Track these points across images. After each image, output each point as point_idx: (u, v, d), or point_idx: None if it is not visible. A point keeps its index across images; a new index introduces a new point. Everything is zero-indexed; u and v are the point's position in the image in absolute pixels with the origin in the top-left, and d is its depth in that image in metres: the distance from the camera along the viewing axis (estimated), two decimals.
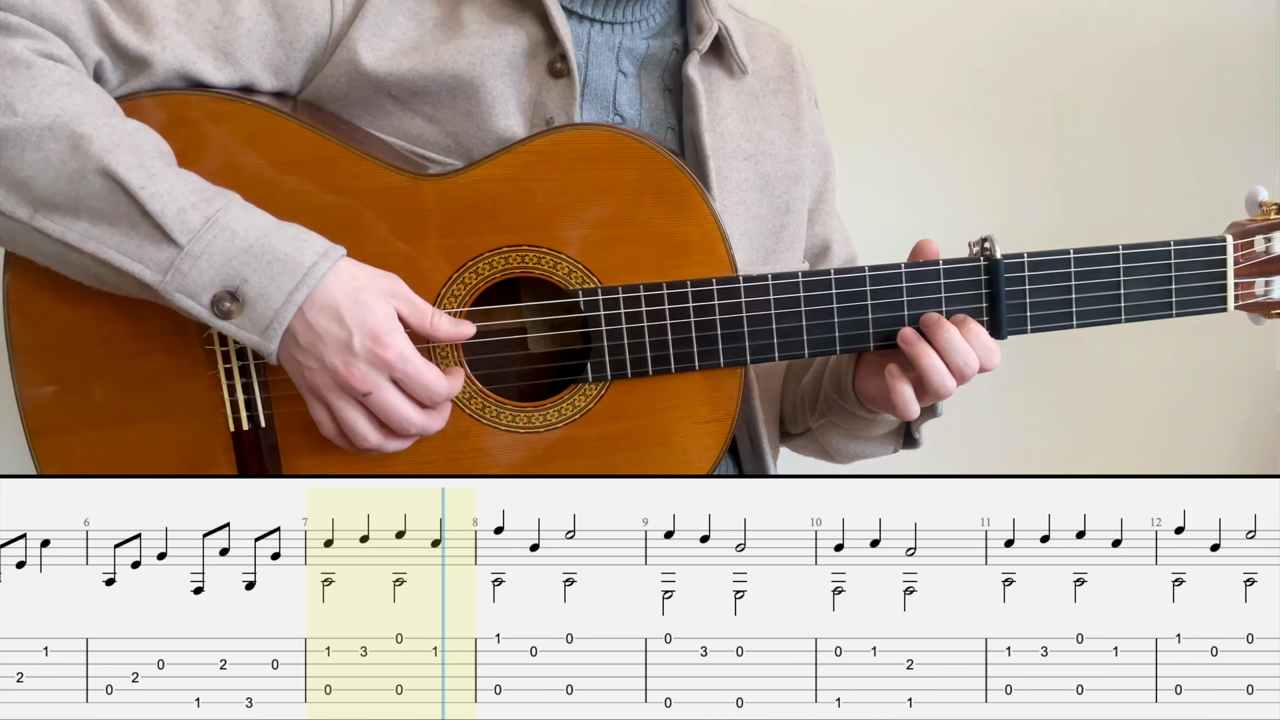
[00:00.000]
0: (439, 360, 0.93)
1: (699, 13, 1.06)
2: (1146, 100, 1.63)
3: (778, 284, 0.94)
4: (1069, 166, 1.64)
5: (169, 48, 0.90)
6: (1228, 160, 1.62)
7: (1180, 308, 0.98)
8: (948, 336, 0.92)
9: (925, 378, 0.93)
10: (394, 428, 0.89)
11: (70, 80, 0.85)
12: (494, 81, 0.96)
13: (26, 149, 0.82)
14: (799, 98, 1.13)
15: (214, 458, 0.93)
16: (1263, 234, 0.98)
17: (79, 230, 0.84)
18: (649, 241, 0.93)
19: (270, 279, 0.84)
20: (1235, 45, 1.61)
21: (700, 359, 0.94)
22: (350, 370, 0.85)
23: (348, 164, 0.91)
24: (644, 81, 1.05)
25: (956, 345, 0.92)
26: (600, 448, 0.96)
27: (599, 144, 0.92)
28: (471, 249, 0.92)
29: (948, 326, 0.93)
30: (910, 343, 0.93)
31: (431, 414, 0.90)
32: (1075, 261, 0.95)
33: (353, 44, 0.95)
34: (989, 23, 1.61)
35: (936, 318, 0.94)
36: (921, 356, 0.93)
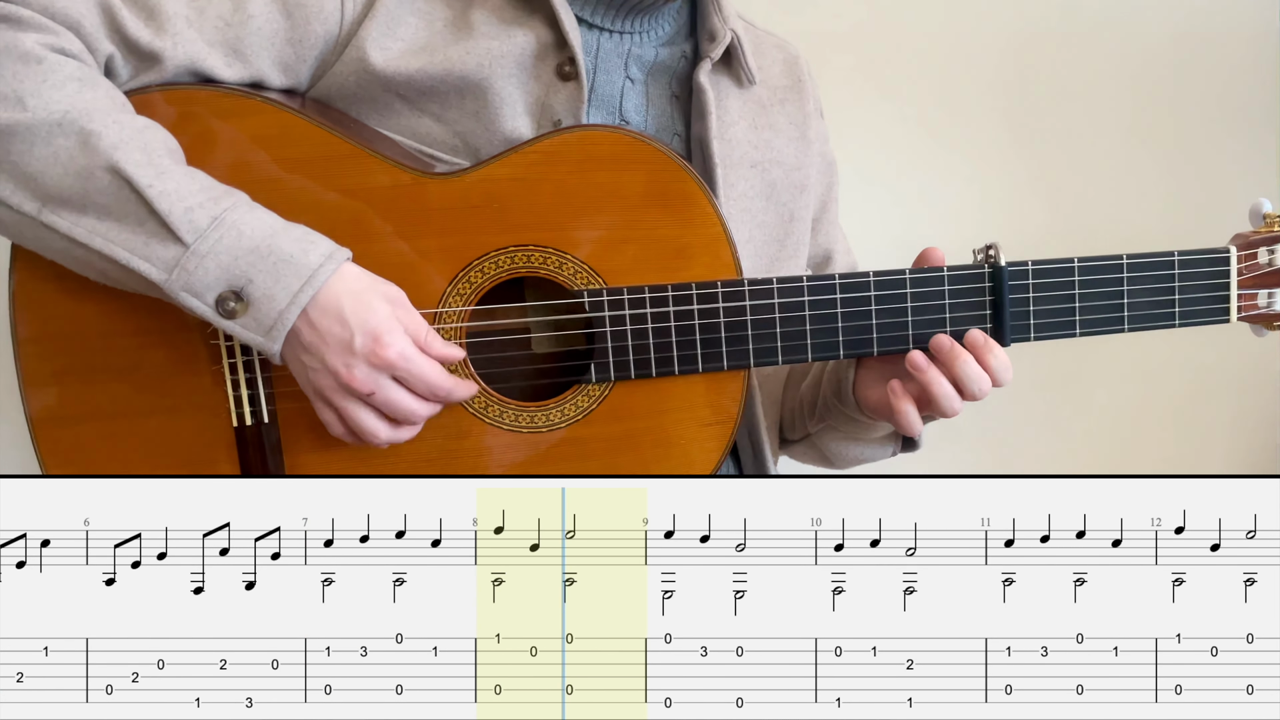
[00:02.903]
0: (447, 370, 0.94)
1: (711, 21, 1.06)
2: (1151, 106, 1.64)
3: (782, 287, 0.94)
4: (1074, 173, 1.65)
5: (180, 44, 0.90)
6: (1231, 166, 1.62)
7: (1183, 318, 0.98)
8: (964, 368, 0.92)
9: (935, 403, 0.93)
10: (400, 420, 0.89)
11: (81, 76, 0.85)
12: (502, 83, 0.97)
13: (36, 144, 0.83)
14: (805, 107, 1.14)
15: (216, 453, 0.93)
16: (1266, 246, 0.98)
17: (86, 226, 0.84)
18: (654, 243, 0.94)
19: (275, 280, 0.84)
20: (1237, 51, 1.62)
21: (704, 361, 0.94)
22: (352, 372, 0.86)
23: (356, 161, 0.92)
24: (651, 88, 1.06)
25: (973, 375, 0.92)
26: (602, 448, 0.96)
27: (606, 145, 0.93)
28: (477, 248, 0.93)
29: (963, 356, 0.92)
30: (920, 369, 0.93)
31: (436, 407, 0.90)
32: (1079, 270, 0.95)
33: (362, 43, 0.95)
34: (992, 30, 1.62)
35: (950, 343, 0.93)
36: (932, 384, 0.92)
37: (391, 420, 0.89)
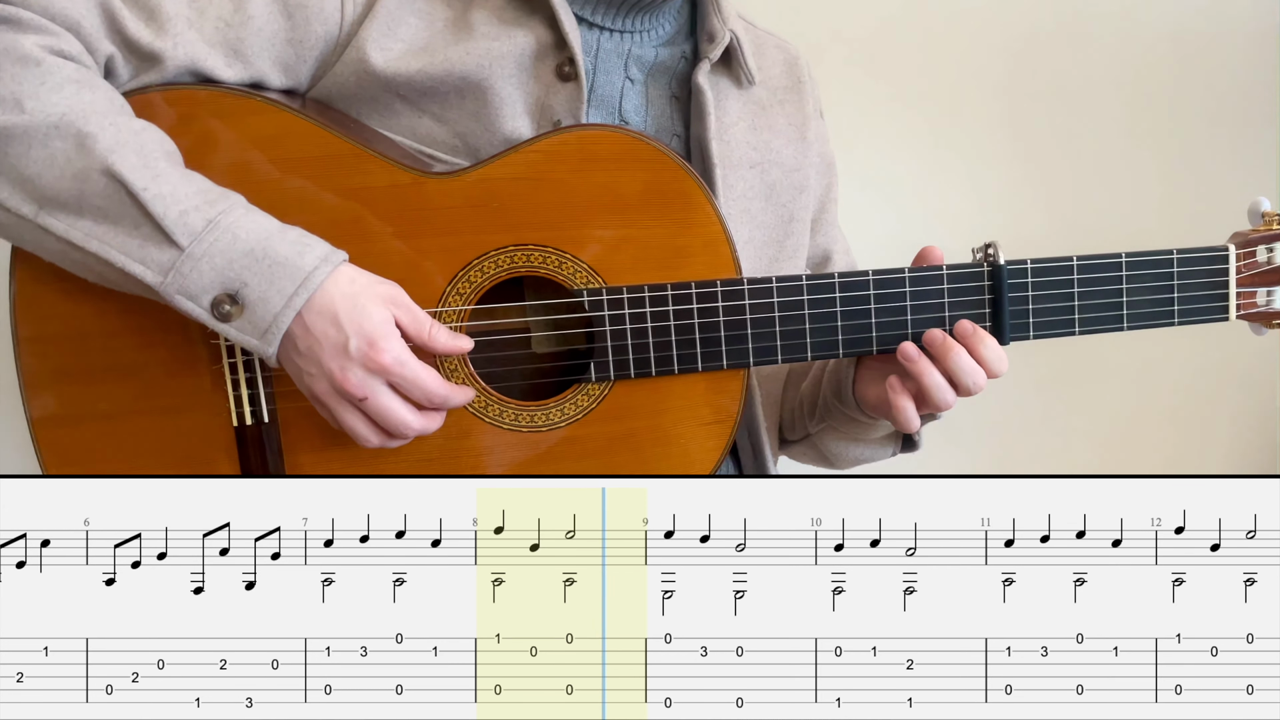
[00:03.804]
0: (446, 371, 0.94)
1: (711, 22, 1.06)
2: (1149, 105, 1.64)
3: (781, 286, 0.94)
4: (1072, 171, 1.65)
5: (180, 44, 0.90)
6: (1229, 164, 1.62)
7: (1182, 316, 0.98)
8: (957, 361, 0.92)
9: (928, 394, 0.93)
10: (391, 432, 0.89)
11: (79, 78, 0.85)
12: (502, 83, 0.97)
13: (33, 146, 0.83)
14: (805, 108, 1.13)
15: (216, 453, 0.93)
16: (1265, 244, 0.98)
17: (82, 229, 0.84)
18: (654, 243, 0.94)
19: (270, 283, 0.84)
20: (1237, 50, 1.62)
21: (703, 360, 0.94)
22: (346, 376, 0.85)
23: (356, 161, 0.92)
24: (651, 89, 1.06)
25: (966, 368, 0.92)
26: (602, 448, 0.96)
27: (606, 145, 0.93)
28: (477, 247, 0.93)
29: (956, 349, 0.92)
30: (912, 360, 0.93)
31: (430, 415, 0.90)
32: (1078, 269, 0.95)
33: (362, 44, 0.95)
34: (991, 29, 1.62)
35: (942, 337, 0.93)
36: (924, 375, 0.92)
37: (382, 430, 0.89)
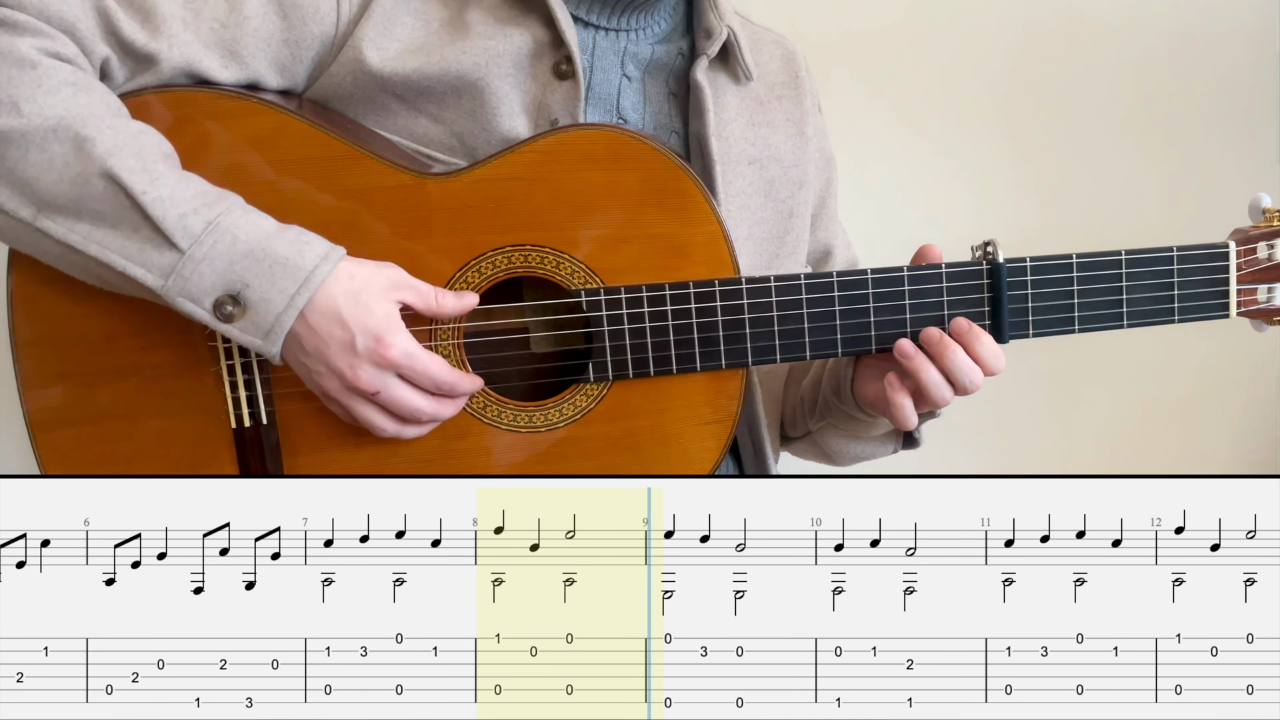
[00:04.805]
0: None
1: (707, 18, 1.06)
2: (1149, 103, 1.63)
3: (780, 285, 0.94)
4: (1072, 169, 1.64)
5: (175, 45, 0.90)
6: (1229, 161, 1.62)
7: (1182, 314, 0.98)
8: (953, 358, 0.92)
9: (925, 392, 0.93)
10: (406, 419, 0.90)
11: (76, 81, 0.85)
12: (499, 82, 0.97)
13: (30, 150, 0.82)
14: (803, 103, 1.13)
15: (216, 454, 0.93)
16: (1265, 241, 0.98)
17: (81, 232, 0.84)
18: (652, 242, 0.93)
19: (271, 283, 0.84)
20: (1236, 48, 1.61)
21: (702, 360, 0.94)
22: (356, 373, 0.86)
23: (352, 162, 0.91)
24: (648, 86, 1.06)
25: (963, 365, 0.92)
26: (601, 447, 0.96)
27: (603, 144, 0.93)
28: (474, 248, 0.93)
29: (952, 347, 0.92)
30: (908, 356, 0.93)
31: (443, 401, 0.91)
32: (1078, 266, 0.95)
33: (358, 44, 0.95)
34: (991, 27, 1.61)
35: (939, 334, 0.93)
36: (920, 372, 0.92)
37: (398, 418, 0.90)
